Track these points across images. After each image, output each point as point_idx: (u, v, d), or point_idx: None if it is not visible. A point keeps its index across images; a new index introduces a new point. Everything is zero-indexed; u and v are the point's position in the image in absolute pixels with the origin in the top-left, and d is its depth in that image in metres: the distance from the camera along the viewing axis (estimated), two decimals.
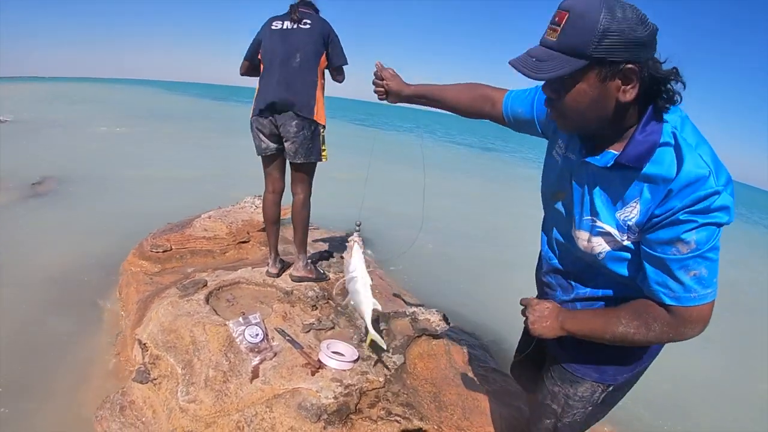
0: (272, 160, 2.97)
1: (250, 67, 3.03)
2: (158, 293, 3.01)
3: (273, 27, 2.86)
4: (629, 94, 1.06)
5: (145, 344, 2.52)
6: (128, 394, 2.36)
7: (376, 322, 2.85)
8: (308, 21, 2.84)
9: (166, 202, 6.17)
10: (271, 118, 2.83)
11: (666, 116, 1.10)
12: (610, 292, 1.34)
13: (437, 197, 9.13)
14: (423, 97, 1.66)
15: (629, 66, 1.02)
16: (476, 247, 6.62)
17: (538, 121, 1.47)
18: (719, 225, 1.05)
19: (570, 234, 1.33)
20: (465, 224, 7.75)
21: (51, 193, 6.56)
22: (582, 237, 1.27)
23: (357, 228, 2.01)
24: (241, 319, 2.42)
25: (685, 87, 1.09)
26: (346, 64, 2.96)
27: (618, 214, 1.17)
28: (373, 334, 2.21)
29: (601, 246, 1.23)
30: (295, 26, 2.84)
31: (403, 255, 2.18)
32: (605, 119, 1.11)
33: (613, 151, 1.15)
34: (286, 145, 2.88)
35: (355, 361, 2.38)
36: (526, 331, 1.54)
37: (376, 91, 1.69)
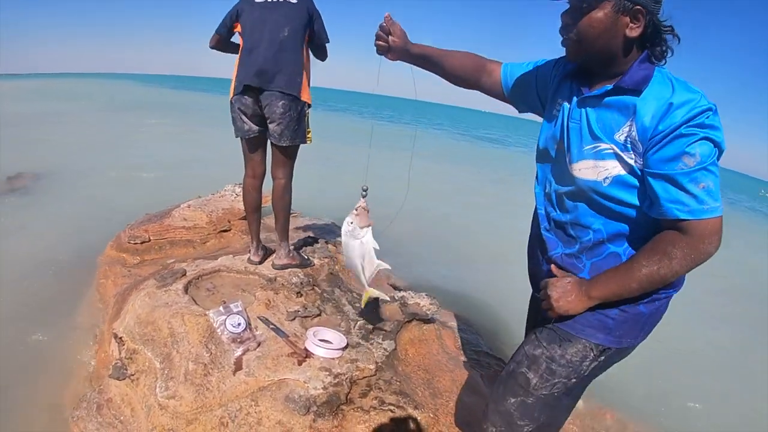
0: (254, 143, 2.80)
1: (221, 41, 2.83)
2: (136, 285, 2.86)
3: (256, 0, 2.67)
4: (635, 31, 1.19)
5: (121, 338, 2.39)
6: (105, 391, 2.24)
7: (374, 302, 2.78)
8: None
9: (147, 194, 6.03)
10: (254, 97, 2.67)
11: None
12: (613, 230, 1.30)
13: (431, 183, 9.09)
14: (425, 58, 1.60)
15: (639, 7, 1.17)
16: (468, 233, 6.55)
17: (537, 85, 1.51)
18: (716, 143, 1.12)
19: (569, 174, 1.33)
20: (458, 211, 7.67)
21: (27, 187, 6.36)
22: (585, 166, 1.28)
23: (363, 193, 1.82)
24: (221, 308, 2.29)
25: (679, 41, 1.23)
26: (329, 42, 2.83)
27: (617, 136, 1.22)
28: (371, 290, 2.07)
29: (606, 171, 1.24)
30: (276, 0, 2.68)
31: (389, 226, 2.04)
32: (609, 51, 1.24)
33: (608, 85, 1.25)
34: (270, 126, 2.71)
35: (343, 349, 2.27)
36: (535, 315, 1.50)
37: (378, 44, 1.55)
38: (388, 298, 2.15)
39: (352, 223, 1.85)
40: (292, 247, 3.07)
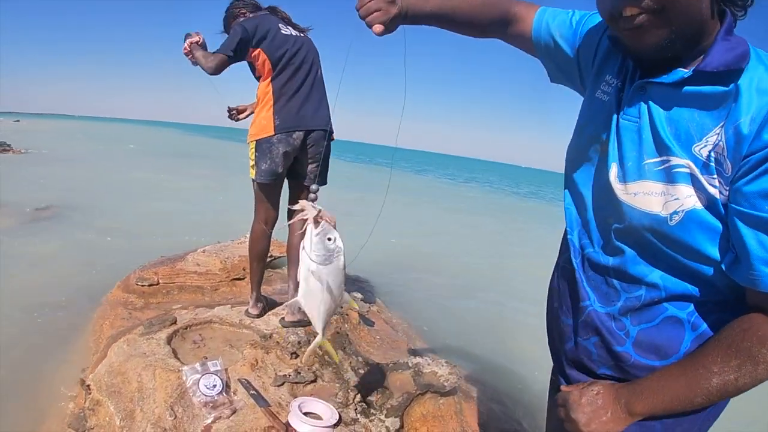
0: (277, 186, 2.65)
1: (227, 65, 2.49)
2: (130, 330, 2.65)
3: (283, 30, 2.55)
4: None
5: (88, 386, 2.14)
6: None
7: (372, 372, 2.41)
8: (305, 30, 2.69)
9: (170, 236, 5.96)
10: (302, 137, 2.54)
11: None
12: (676, 288, 0.88)
13: (452, 234, 8.78)
14: (439, 9, 1.13)
15: None
16: (495, 286, 6.10)
17: (580, 49, 1.08)
18: None
19: (614, 197, 0.91)
20: (486, 262, 7.27)
21: (53, 219, 6.42)
22: (645, 190, 0.86)
23: (313, 194, 1.41)
24: (198, 365, 2.01)
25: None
26: None
27: (697, 148, 0.80)
28: (323, 340, 1.47)
29: (677, 201, 0.82)
30: (301, 35, 2.64)
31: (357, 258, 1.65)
32: (699, 20, 0.80)
33: (683, 69, 0.82)
34: (309, 167, 2.60)
35: (333, 426, 1.92)
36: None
37: (372, 16, 1.04)
38: (337, 361, 1.43)
39: (331, 239, 1.30)
40: None
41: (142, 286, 3.49)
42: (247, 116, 2.95)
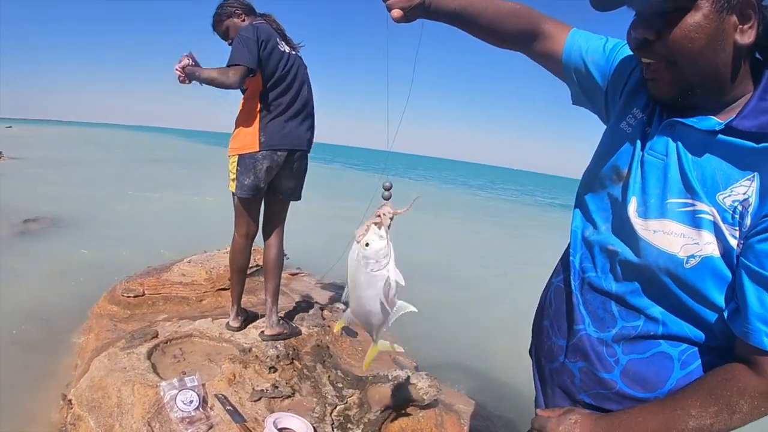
0: (258, 201, 2.66)
1: (246, 76, 2.39)
2: (113, 342, 2.68)
3: (279, 46, 2.53)
4: (748, 35, 0.79)
5: (70, 400, 2.17)
6: None
7: (356, 383, 2.43)
8: (297, 47, 2.69)
9: (159, 246, 5.95)
10: (287, 155, 2.57)
11: None
12: (675, 327, 0.89)
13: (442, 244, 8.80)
14: (463, 9, 1.11)
15: None
16: (488, 298, 6.12)
17: (611, 75, 1.06)
18: None
19: (630, 230, 0.91)
20: (476, 273, 7.29)
21: (42, 230, 6.43)
22: (665, 229, 0.86)
23: (386, 193, 1.12)
24: (176, 380, 2.05)
25: None
26: None
27: (722, 196, 0.81)
28: (383, 343, 1.27)
29: (696, 246, 0.83)
30: (293, 53, 2.63)
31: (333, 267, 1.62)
32: (715, 72, 0.82)
33: (716, 120, 0.84)
34: (289, 183, 2.65)
35: None
36: None
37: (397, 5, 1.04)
38: (402, 349, 1.35)
39: (368, 244, 1.04)
40: (281, 314, 2.83)
41: (128, 297, 3.52)
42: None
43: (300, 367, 2.52)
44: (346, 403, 2.35)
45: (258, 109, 2.50)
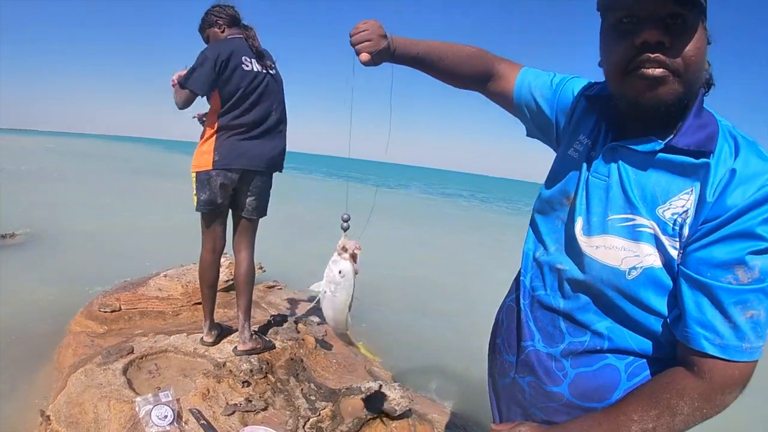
0: (220, 217, 2.73)
1: (193, 99, 2.53)
2: (90, 358, 2.73)
3: (245, 65, 2.54)
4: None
5: (48, 416, 2.24)
6: None
7: (329, 396, 2.52)
8: (273, 65, 2.70)
9: (139, 259, 5.96)
10: (241, 174, 2.61)
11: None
12: (621, 341, 0.93)
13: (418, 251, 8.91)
14: (426, 55, 1.19)
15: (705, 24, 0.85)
16: (466, 306, 6.22)
17: (557, 106, 1.14)
18: None
19: (577, 248, 0.97)
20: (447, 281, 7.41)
21: (19, 246, 6.37)
22: (607, 244, 0.92)
23: (345, 223, 1.25)
24: (150, 396, 2.13)
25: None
26: None
27: (662, 210, 0.87)
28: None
29: (637, 259, 0.88)
30: (264, 71, 2.63)
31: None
32: (698, 89, 0.89)
33: (656, 140, 0.89)
34: (247, 200, 2.69)
35: None
36: None
37: (363, 45, 1.10)
38: (378, 358, 1.46)
39: (341, 272, 1.23)
40: (255, 328, 2.91)
41: (105, 312, 3.57)
42: None
43: (274, 381, 2.61)
44: (319, 415, 2.42)
45: (215, 128, 2.58)
